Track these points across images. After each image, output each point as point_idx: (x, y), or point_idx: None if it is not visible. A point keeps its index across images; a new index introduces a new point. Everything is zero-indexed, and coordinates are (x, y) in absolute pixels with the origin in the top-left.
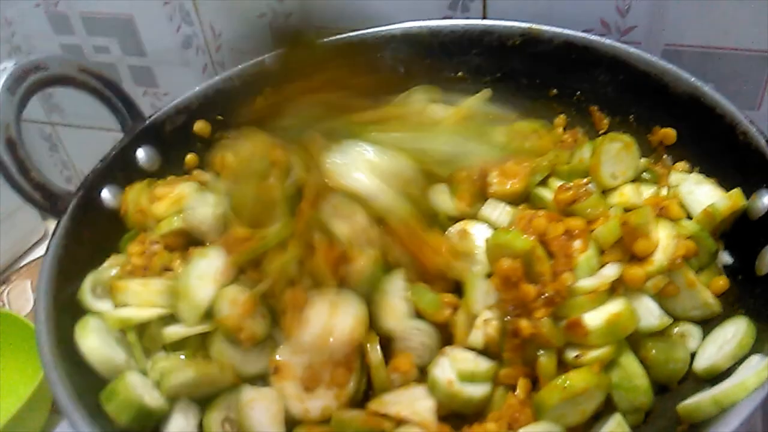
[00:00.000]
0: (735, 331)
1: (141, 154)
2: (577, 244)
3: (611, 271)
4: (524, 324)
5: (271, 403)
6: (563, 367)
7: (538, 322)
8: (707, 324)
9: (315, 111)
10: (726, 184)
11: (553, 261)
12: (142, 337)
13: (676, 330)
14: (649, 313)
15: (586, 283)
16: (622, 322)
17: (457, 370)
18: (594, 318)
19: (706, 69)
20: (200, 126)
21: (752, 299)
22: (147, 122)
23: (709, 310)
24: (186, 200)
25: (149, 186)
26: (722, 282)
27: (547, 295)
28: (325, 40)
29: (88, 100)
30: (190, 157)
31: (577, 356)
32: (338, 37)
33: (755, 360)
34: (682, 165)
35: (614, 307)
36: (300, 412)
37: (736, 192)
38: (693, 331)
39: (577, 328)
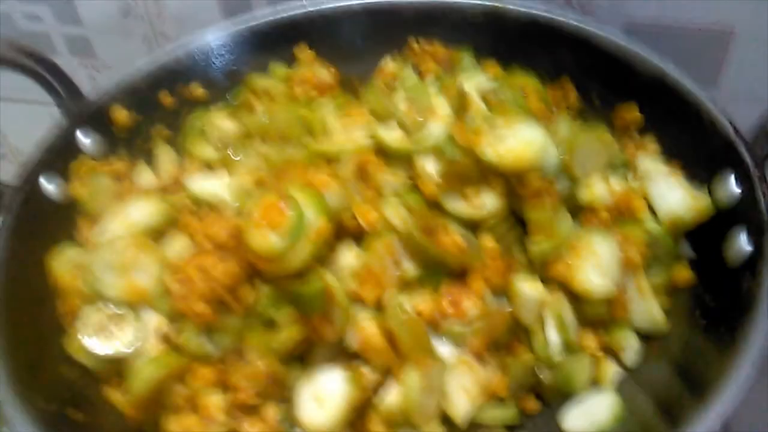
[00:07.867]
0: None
1: (85, 139)
2: None
3: None
4: None
5: None
6: None
7: None
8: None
9: None
10: (690, 167)
11: None
12: None
13: (620, 336)
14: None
15: None
16: None
17: None
18: None
19: (665, 45)
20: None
21: (721, 286)
22: (92, 106)
23: (655, 325)
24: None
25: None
26: (686, 274)
27: None
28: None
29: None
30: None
31: None
32: (296, 11)
33: None
34: (650, 141)
35: None
36: None
37: (706, 204)
38: (633, 345)
39: None
